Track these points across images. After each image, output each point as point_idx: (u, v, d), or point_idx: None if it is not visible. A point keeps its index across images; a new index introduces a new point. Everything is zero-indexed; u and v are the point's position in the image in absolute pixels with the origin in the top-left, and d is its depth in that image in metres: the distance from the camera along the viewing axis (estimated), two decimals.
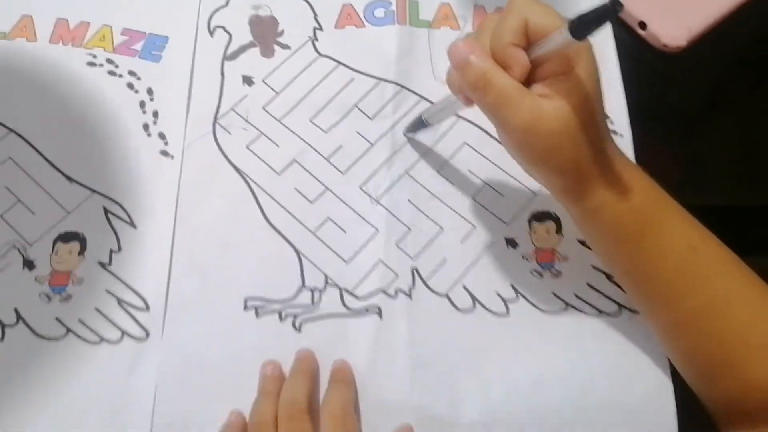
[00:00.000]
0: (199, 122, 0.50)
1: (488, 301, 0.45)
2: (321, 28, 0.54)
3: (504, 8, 0.36)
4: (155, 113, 0.50)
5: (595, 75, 0.36)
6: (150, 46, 0.52)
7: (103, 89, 0.50)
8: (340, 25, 0.54)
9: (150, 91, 0.51)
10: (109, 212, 0.47)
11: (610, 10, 0.30)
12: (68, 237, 0.46)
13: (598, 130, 0.36)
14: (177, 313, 0.44)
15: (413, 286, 0.45)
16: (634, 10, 0.54)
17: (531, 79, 0.36)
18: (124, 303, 0.44)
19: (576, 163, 0.36)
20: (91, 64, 0.51)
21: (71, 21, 0.53)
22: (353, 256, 0.46)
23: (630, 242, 0.38)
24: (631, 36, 0.55)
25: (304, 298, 0.45)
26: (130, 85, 0.51)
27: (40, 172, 0.48)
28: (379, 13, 0.54)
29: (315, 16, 0.54)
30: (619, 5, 0.30)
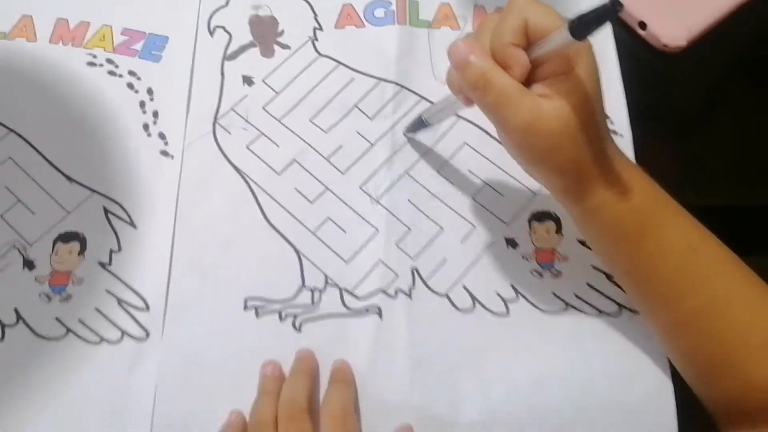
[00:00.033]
0: (199, 122, 0.50)
1: (488, 301, 0.45)
2: (321, 28, 0.54)
3: (504, 8, 0.36)
4: (155, 113, 0.50)
5: (595, 75, 0.36)
6: (150, 46, 0.52)
7: (103, 89, 0.50)
8: (340, 25, 0.54)
9: (150, 91, 0.51)
10: (109, 212, 0.47)
11: (610, 10, 0.30)
12: (68, 237, 0.46)
13: (598, 130, 0.36)
14: (177, 313, 0.44)
15: (413, 286, 0.45)
16: (634, 10, 0.54)
17: (531, 79, 0.36)
18: (124, 303, 0.44)
19: (576, 163, 0.36)
20: (91, 64, 0.51)
21: (71, 21, 0.53)
22: (353, 256, 0.46)
23: (630, 242, 0.38)
24: (631, 36, 0.55)
25: (304, 298, 0.45)
26: (130, 85, 0.51)
27: (40, 172, 0.48)
28: (379, 13, 0.54)
29: (315, 16, 0.54)
30: (619, 5, 0.30)
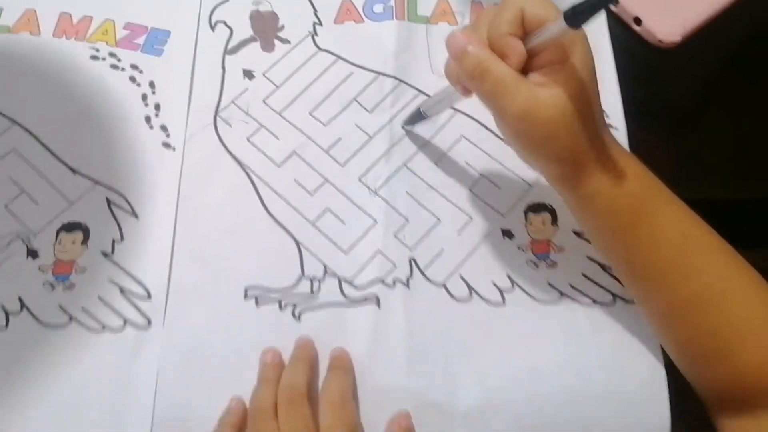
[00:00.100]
0: (200, 115, 0.50)
1: (484, 291, 0.46)
2: (320, 23, 0.54)
3: (500, 1, 0.37)
4: (157, 106, 0.50)
5: (591, 64, 0.36)
6: (152, 40, 0.53)
7: (105, 82, 0.51)
8: (339, 20, 0.55)
9: (152, 85, 0.51)
10: (111, 203, 0.47)
11: None
12: (71, 227, 0.46)
13: (594, 117, 0.37)
14: (178, 302, 0.45)
15: (411, 275, 0.46)
16: (630, 5, 0.54)
17: (527, 68, 0.36)
18: (126, 292, 0.45)
19: (572, 151, 0.37)
20: (94, 58, 0.52)
21: (74, 15, 0.53)
22: (352, 247, 0.47)
23: (624, 229, 0.39)
24: (627, 32, 0.55)
25: (304, 287, 0.46)
26: (133, 79, 0.51)
27: (44, 164, 0.48)
28: (378, 8, 0.55)
29: (315, 12, 0.55)
30: None
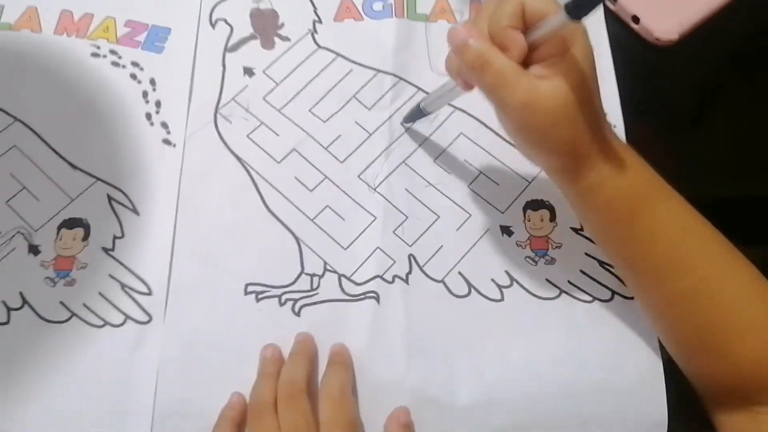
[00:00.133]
0: (200, 112, 0.51)
1: (483, 287, 0.46)
2: (320, 21, 0.55)
3: None
4: (158, 103, 0.51)
5: (591, 57, 0.37)
6: (153, 37, 0.53)
7: (106, 79, 0.51)
8: (339, 18, 0.55)
9: (153, 82, 0.51)
10: (112, 199, 0.48)
11: None
12: (72, 223, 0.47)
13: (594, 109, 0.37)
14: (179, 298, 0.45)
15: (410, 272, 0.46)
16: (628, 4, 0.55)
17: (528, 61, 0.36)
18: (126, 287, 0.45)
19: (572, 143, 0.37)
20: (95, 55, 0.52)
21: (75, 13, 0.54)
22: (351, 243, 0.47)
23: (623, 222, 0.39)
24: (625, 30, 0.55)
25: (304, 283, 0.46)
26: (133, 76, 0.52)
27: (45, 160, 0.48)
28: (378, 6, 0.55)
29: (314, 9, 0.55)
30: None
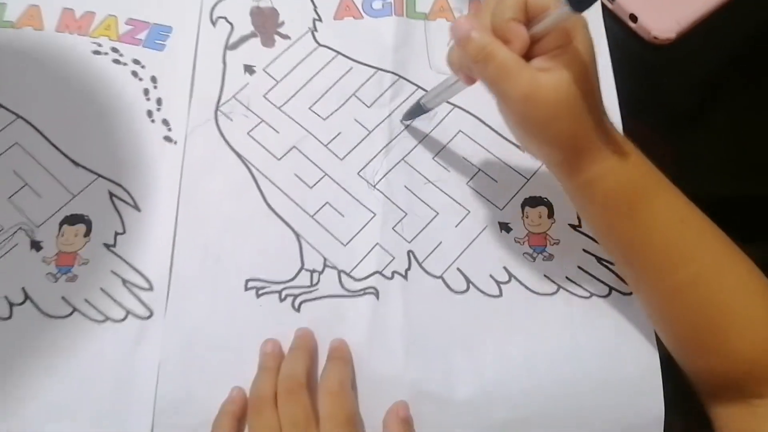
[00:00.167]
0: (201, 109, 0.51)
1: (482, 283, 0.46)
2: (320, 19, 0.55)
3: None
4: (159, 100, 0.51)
5: (591, 50, 0.37)
6: (154, 35, 0.53)
7: (108, 77, 0.52)
8: (338, 16, 0.55)
9: (154, 79, 0.52)
10: (113, 196, 0.48)
11: None
12: (74, 219, 0.47)
13: (595, 102, 0.37)
14: (180, 293, 0.45)
15: (409, 268, 0.46)
16: (626, 3, 0.55)
17: (530, 54, 0.37)
18: (128, 283, 0.45)
19: (573, 135, 0.37)
20: (97, 53, 0.52)
21: (77, 11, 0.54)
22: (351, 239, 0.47)
23: (622, 214, 0.40)
24: (623, 29, 0.56)
25: (304, 279, 0.46)
26: (135, 73, 0.52)
27: (47, 157, 0.49)
28: (377, 5, 0.56)
29: (314, 8, 0.55)
30: None
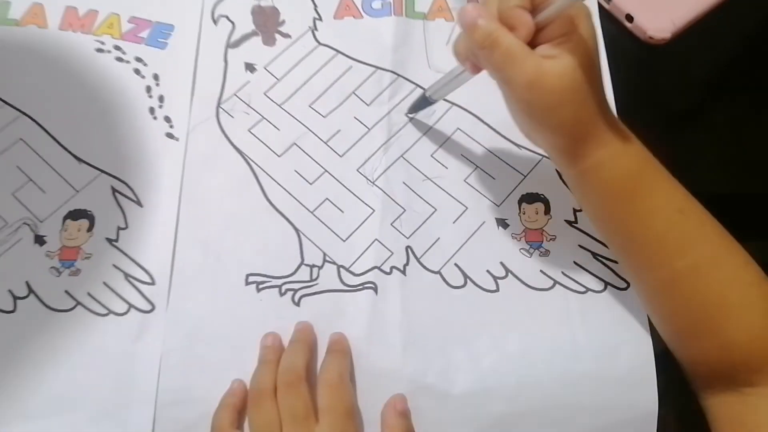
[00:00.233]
0: (203, 106, 0.52)
1: (479, 278, 0.47)
2: (320, 19, 0.56)
3: None
4: (161, 98, 0.52)
5: (595, 38, 0.38)
6: (156, 33, 0.54)
7: (111, 74, 0.52)
8: (339, 15, 0.56)
9: (156, 77, 0.52)
10: (116, 191, 0.49)
11: None
12: (77, 215, 0.48)
13: (597, 90, 0.38)
14: (181, 287, 0.46)
15: (407, 263, 0.47)
16: (622, 3, 0.56)
17: (535, 42, 0.37)
18: (130, 277, 0.46)
19: (576, 122, 0.38)
20: (100, 51, 0.53)
21: (80, 9, 0.55)
22: (350, 235, 0.48)
23: (622, 203, 0.40)
24: (619, 29, 0.56)
25: (303, 274, 0.47)
26: (137, 71, 0.53)
27: (50, 153, 0.49)
28: (377, 4, 0.56)
29: (315, 7, 0.56)
30: None
